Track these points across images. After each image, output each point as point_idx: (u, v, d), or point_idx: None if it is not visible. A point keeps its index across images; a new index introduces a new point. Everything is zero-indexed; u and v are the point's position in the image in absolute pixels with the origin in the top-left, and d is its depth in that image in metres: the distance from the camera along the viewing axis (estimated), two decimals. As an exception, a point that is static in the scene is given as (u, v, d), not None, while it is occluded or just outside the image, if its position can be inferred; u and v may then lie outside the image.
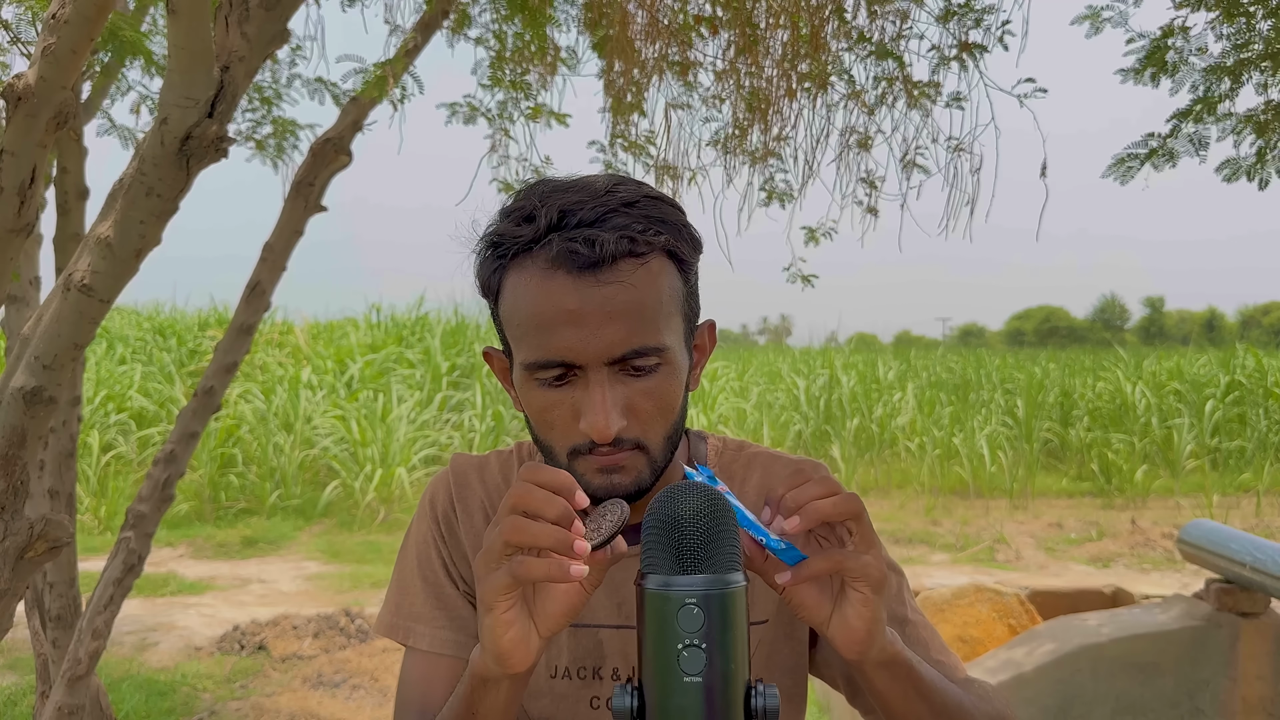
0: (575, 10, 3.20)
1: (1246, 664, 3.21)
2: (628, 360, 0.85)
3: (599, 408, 0.84)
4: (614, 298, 0.83)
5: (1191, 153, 2.99)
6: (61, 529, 1.71)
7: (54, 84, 1.48)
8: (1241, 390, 12.56)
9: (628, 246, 0.84)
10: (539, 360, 0.86)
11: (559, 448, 0.89)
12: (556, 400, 0.87)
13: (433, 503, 1.05)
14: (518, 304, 0.87)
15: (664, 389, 0.88)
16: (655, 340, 0.86)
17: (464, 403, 10.96)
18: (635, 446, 0.88)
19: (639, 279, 0.85)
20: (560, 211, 0.85)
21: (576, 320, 0.83)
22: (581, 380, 0.86)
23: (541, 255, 0.85)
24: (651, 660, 0.67)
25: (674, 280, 0.89)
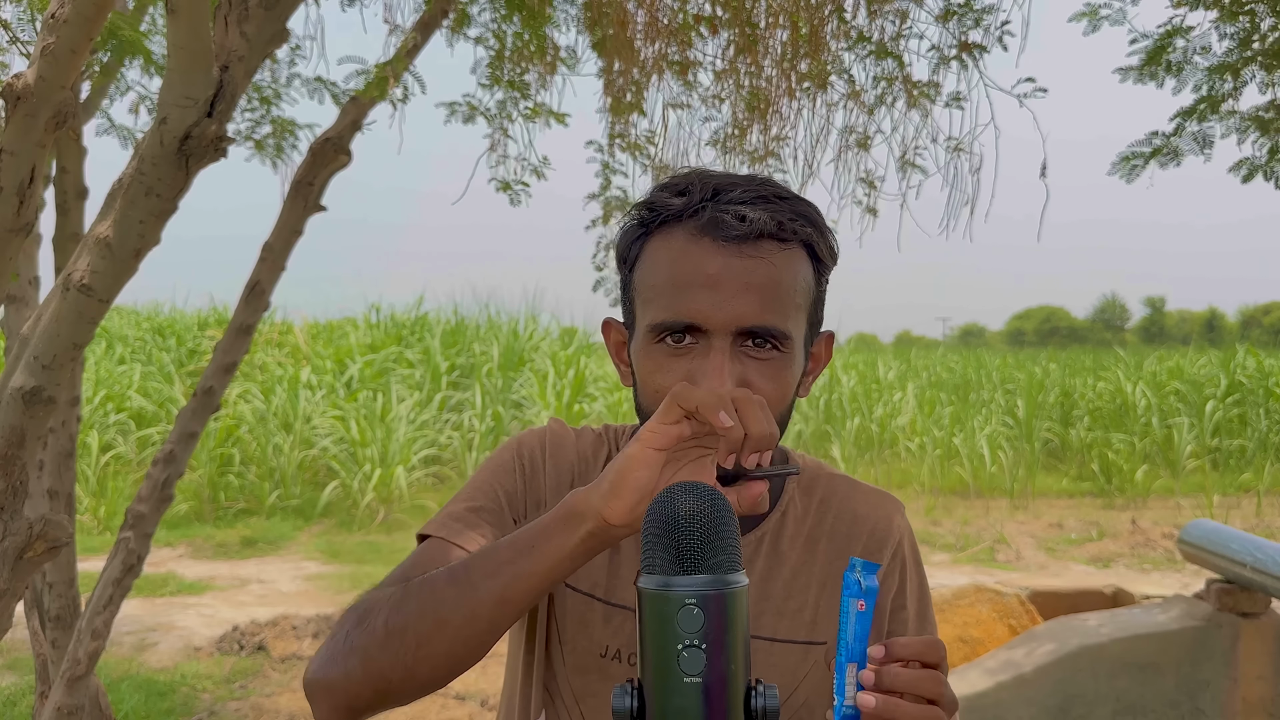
0: (575, 10, 3.20)
1: (1247, 664, 3.21)
2: (752, 335, 0.87)
3: (716, 371, 0.85)
4: (754, 270, 0.86)
5: (1196, 151, 2.99)
6: (61, 529, 1.71)
7: (53, 84, 1.48)
8: (1242, 390, 12.56)
9: (774, 228, 0.87)
10: (667, 320, 0.87)
11: None
12: (673, 366, 0.88)
13: (521, 444, 1.05)
14: (657, 267, 0.90)
15: (780, 376, 0.89)
16: (783, 324, 0.88)
17: (463, 403, 10.96)
18: None
19: (779, 261, 0.88)
20: (715, 188, 0.89)
21: (714, 284, 0.86)
22: (703, 349, 0.87)
23: (690, 223, 0.88)
24: (651, 660, 0.67)
25: (809, 276, 0.91)
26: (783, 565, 0.99)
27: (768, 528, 1.01)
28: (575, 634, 0.99)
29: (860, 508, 1.04)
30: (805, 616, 0.98)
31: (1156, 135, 3.03)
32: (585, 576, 1.00)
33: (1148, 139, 3.03)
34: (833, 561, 1.00)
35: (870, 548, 1.02)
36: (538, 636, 1.02)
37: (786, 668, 0.97)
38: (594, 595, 0.99)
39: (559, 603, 1.01)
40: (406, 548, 8.40)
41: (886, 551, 1.03)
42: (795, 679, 0.97)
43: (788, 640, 0.97)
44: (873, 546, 1.02)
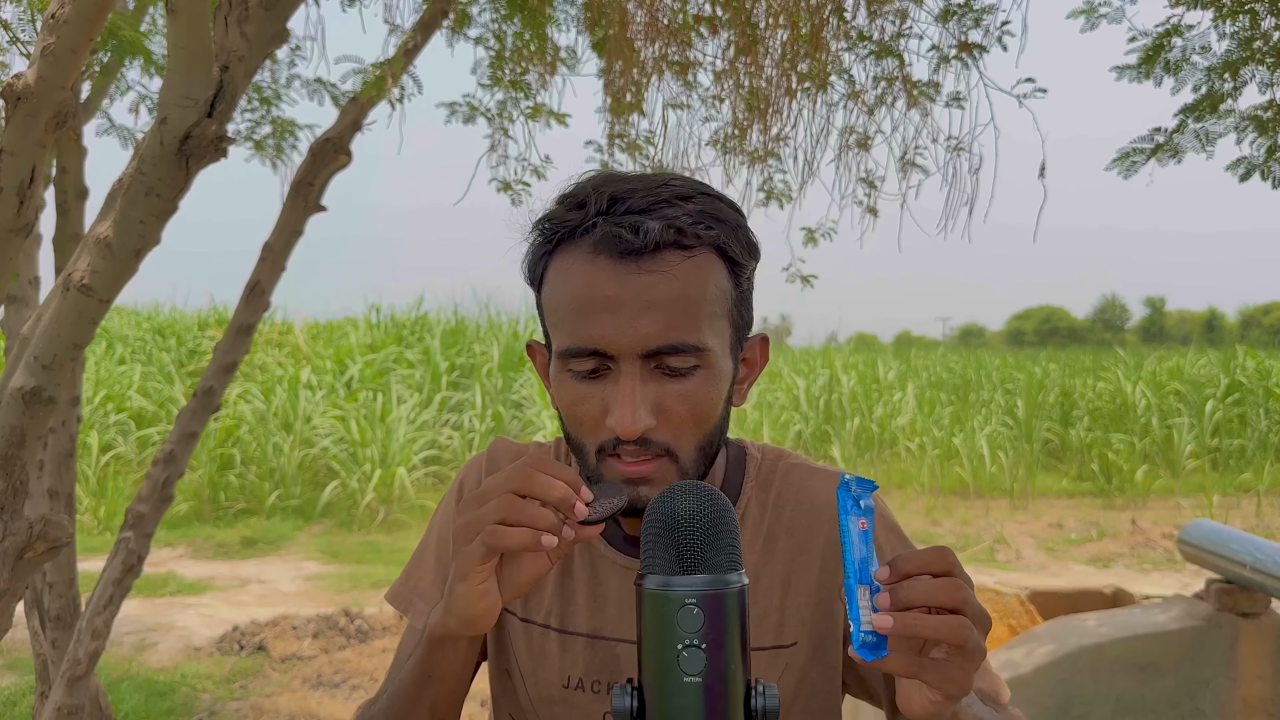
0: (575, 10, 3.20)
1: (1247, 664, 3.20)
2: (663, 356, 0.82)
3: (627, 401, 0.81)
4: (653, 287, 0.81)
5: (1198, 149, 2.98)
6: (61, 529, 1.71)
7: (53, 84, 1.48)
8: (1242, 390, 12.56)
9: (674, 237, 0.81)
10: (572, 347, 0.83)
11: (587, 446, 0.86)
12: (587, 394, 0.84)
13: (462, 485, 1.04)
14: (558, 289, 0.85)
15: (701, 394, 0.84)
16: (694, 338, 0.82)
17: (463, 403, 10.96)
18: (665, 453, 0.84)
19: (682, 271, 0.82)
20: (611, 198, 0.83)
21: (613, 307, 0.81)
22: (613, 375, 0.83)
23: (586, 240, 0.83)
24: (651, 660, 0.67)
25: (722, 280, 0.85)
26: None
27: None
28: (535, 666, 0.97)
29: (819, 495, 0.98)
30: (771, 620, 0.94)
31: (1159, 132, 3.02)
32: (537, 606, 0.98)
33: (1150, 135, 3.02)
34: (795, 558, 0.95)
35: (833, 536, 0.96)
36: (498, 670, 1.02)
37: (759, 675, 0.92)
38: (548, 625, 0.97)
39: (512, 635, 0.99)
40: (407, 548, 8.43)
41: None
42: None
43: (756, 648, 0.92)
44: (836, 535, 0.96)
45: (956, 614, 0.68)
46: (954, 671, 0.68)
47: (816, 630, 0.94)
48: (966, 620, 0.68)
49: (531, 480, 0.74)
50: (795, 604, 0.94)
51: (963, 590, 0.68)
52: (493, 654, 1.02)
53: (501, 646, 1.00)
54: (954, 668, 0.68)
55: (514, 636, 0.99)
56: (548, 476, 0.74)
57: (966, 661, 0.68)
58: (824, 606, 0.94)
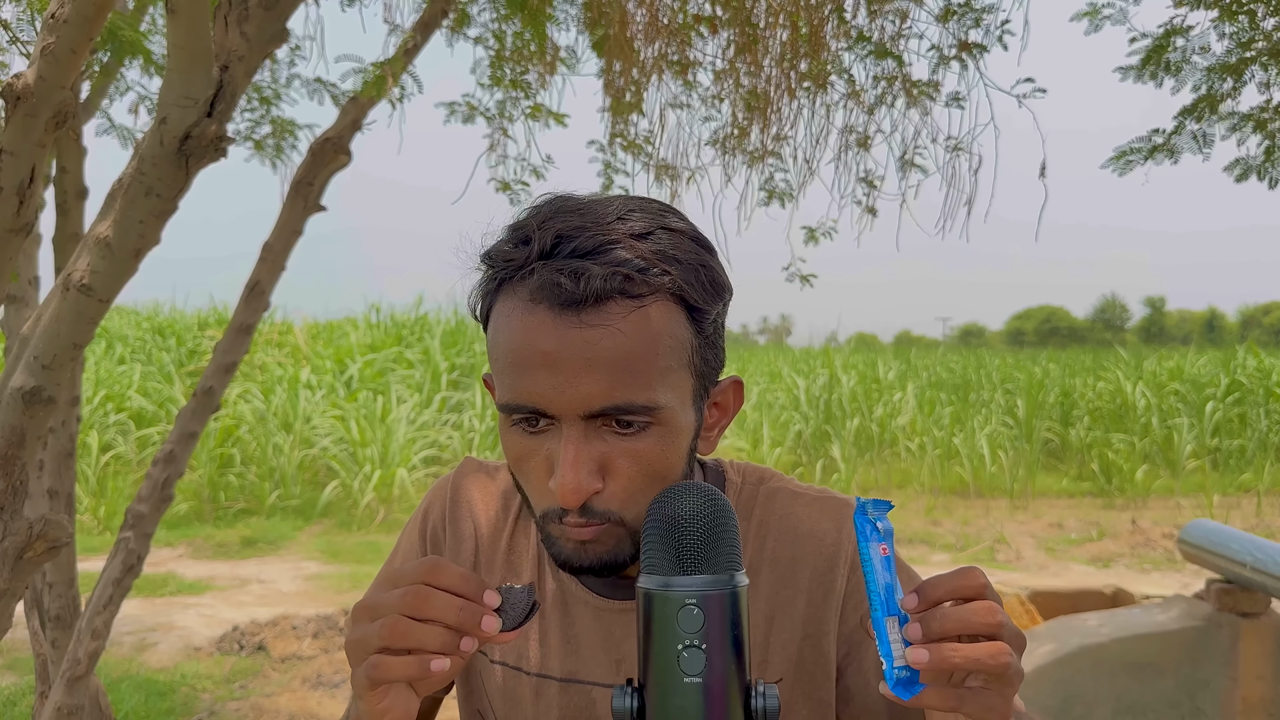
0: (575, 10, 3.20)
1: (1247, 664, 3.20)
2: (605, 416, 0.74)
3: (569, 467, 0.74)
4: (596, 343, 0.72)
5: (1195, 149, 2.99)
6: (60, 529, 1.71)
7: (53, 84, 1.48)
8: (1242, 390, 12.57)
9: (619, 284, 0.73)
10: (510, 403, 0.76)
11: (535, 505, 0.80)
12: (531, 448, 0.77)
13: (426, 514, 0.99)
14: (498, 337, 0.77)
15: (653, 453, 0.76)
16: (643, 397, 0.74)
17: (463, 403, 10.96)
18: (608, 520, 0.77)
19: (629, 325, 0.73)
20: (556, 236, 0.74)
21: (551, 364, 0.73)
22: (556, 432, 0.76)
23: (528, 284, 0.75)
24: (651, 661, 0.67)
25: (679, 329, 0.76)
26: None
27: None
28: (508, 710, 0.93)
29: (803, 523, 0.91)
30: (755, 657, 0.88)
31: (1157, 133, 3.02)
32: (509, 648, 0.93)
33: (1148, 136, 3.03)
34: (778, 592, 0.89)
35: (820, 567, 0.89)
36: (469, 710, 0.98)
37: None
38: (520, 668, 0.92)
39: (485, 678, 0.95)
40: (406, 548, 8.44)
41: (841, 568, 0.89)
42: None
43: None
44: (823, 565, 0.90)
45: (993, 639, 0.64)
46: (993, 700, 0.65)
47: (805, 666, 0.89)
48: (1005, 646, 0.64)
49: (426, 603, 0.66)
50: (780, 640, 0.89)
51: (997, 613, 0.64)
52: (462, 695, 0.98)
53: (472, 688, 0.96)
54: (993, 695, 0.65)
55: (486, 679, 0.94)
56: (445, 596, 0.66)
57: (1006, 688, 0.65)
58: (811, 641, 0.89)
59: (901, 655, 0.65)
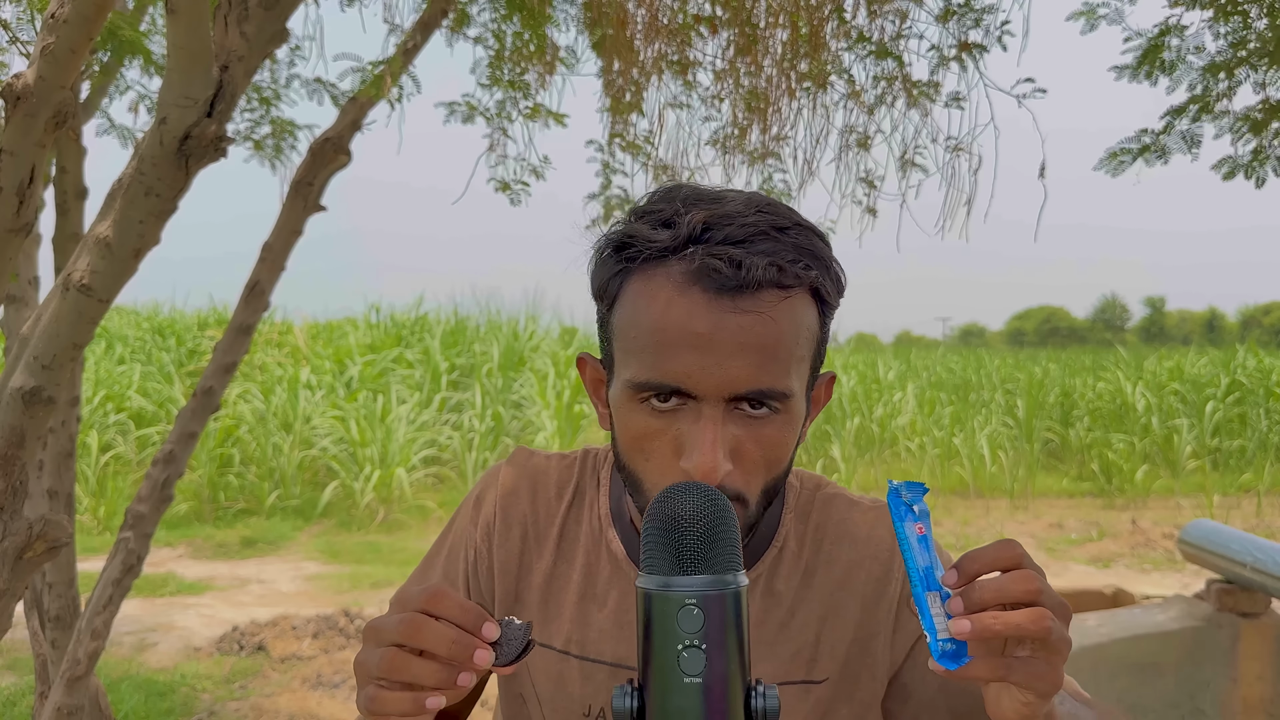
0: (574, 9, 3.20)
1: (1247, 664, 3.20)
2: (748, 399, 0.77)
3: (708, 447, 0.76)
4: (750, 328, 0.75)
5: (1184, 150, 3.00)
6: (60, 529, 1.71)
7: (53, 83, 1.48)
8: (1242, 390, 12.57)
9: (775, 275, 0.76)
10: (651, 381, 0.77)
11: (649, 482, 0.81)
12: (659, 428, 0.79)
13: (479, 501, 1.00)
14: (638, 315, 0.79)
15: (778, 439, 0.79)
16: (782, 384, 0.77)
17: (463, 403, 10.96)
18: (735, 498, 0.78)
19: (779, 313, 0.76)
20: (705, 223, 0.77)
21: (704, 345, 0.75)
22: (691, 411, 0.77)
23: (677, 267, 0.77)
24: (651, 661, 0.67)
25: (812, 323, 0.80)
26: (779, 606, 0.91)
27: (762, 568, 0.93)
28: (553, 693, 0.94)
29: (860, 529, 0.94)
30: (804, 656, 0.91)
31: (1146, 133, 3.03)
32: (556, 631, 0.94)
33: (1137, 136, 3.04)
34: (833, 593, 0.92)
35: (876, 572, 0.92)
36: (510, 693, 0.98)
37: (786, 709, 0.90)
38: (568, 651, 0.93)
39: (531, 660, 0.95)
40: (406, 548, 8.40)
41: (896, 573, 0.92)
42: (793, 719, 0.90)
43: (785, 683, 0.90)
44: (878, 571, 0.92)
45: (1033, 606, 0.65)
46: (1041, 667, 0.66)
47: (850, 667, 0.91)
48: (1046, 611, 0.65)
49: (420, 633, 0.66)
50: (830, 640, 0.91)
51: (1035, 580, 0.66)
52: (504, 676, 0.98)
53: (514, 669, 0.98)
54: (1041, 663, 0.66)
55: (531, 661, 0.95)
56: (440, 627, 0.67)
57: (1053, 655, 0.66)
58: (861, 643, 0.91)
59: (945, 629, 0.67)
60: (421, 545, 8.16)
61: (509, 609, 0.97)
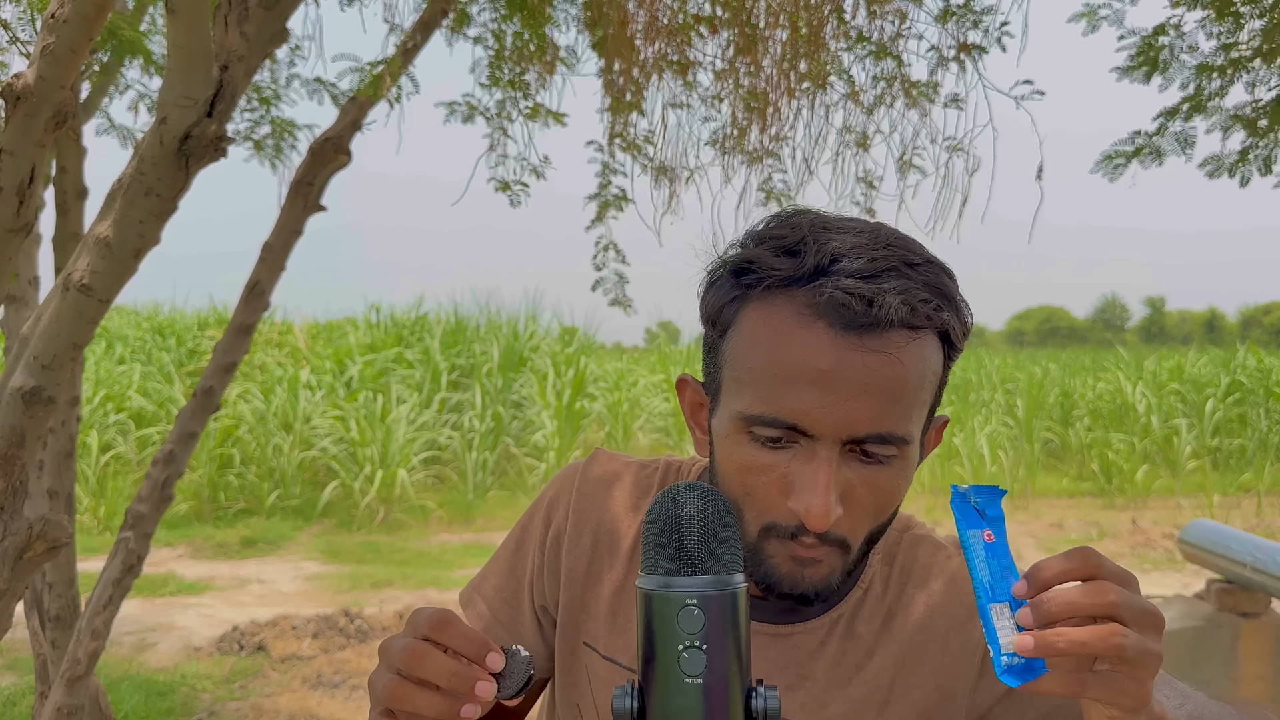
0: (575, 9, 3.20)
1: (1247, 664, 3.21)
2: (866, 443, 0.74)
3: (822, 490, 0.73)
4: (876, 369, 0.72)
5: (1178, 151, 3.00)
6: (60, 529, 1.71)
7: (53, 83, 1.48)
8: (1242, 390, 12.57)
9: (906, 315, 0.72)
10: (765, 415, 0.74)
11: (751, 519, 0.78)
12: (768, 464, 0.76)
13: (552, 505, 0.98)
14: (756, 345, 0.76)
15: (891, 485, 0.77)
16: (903, 429, 0.75)
17: (463, 403, 10.95)
18: (839, 544, 0.77)
19: (906, 355, 0.73)
20: (833, 255, 0.73)
21: (826, 383, 0.72)
22: (805, 451, 0.74)
23: (801, 298, 0.74)
24: (651, 661, 0.67)
25: (937, 366, 0.78)
26: (857, 648, 0.89)
27: (845, 609, 0.90)
28: (599, 701, 0.93)
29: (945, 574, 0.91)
30: (876, 699, 0.88)
31: (1139, 134, 3.03)
32: (623, 647, 0.93)
33: (1130, 138, 3.04)
34: (914, 637, 0.89)
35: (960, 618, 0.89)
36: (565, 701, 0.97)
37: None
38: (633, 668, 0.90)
39: (591, 671, 0.93)
40: (407, 548, 8.39)
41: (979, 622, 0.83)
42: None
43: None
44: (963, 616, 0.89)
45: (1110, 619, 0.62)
46: (1124, 683, 0.62)
47: (927, 713, 0.88)
48: (1118, 627, 0.61)
49: (421, 662, 0.65)
50: (905, 684, 0.88)
51: (1111, 593, 0.62)
52: (561, 684, 0.96)
53: (573, 679, 0.95)
54: (1123, 678, 0.62)
55: (593, 673, 0.93)
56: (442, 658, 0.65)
57: (1137, 670, 0.62)
58: (943, 691, 0.88)
59: (1009, 643, 0.64)
60: (421, 545, 8.17)
61: (574, 617, 0.95)
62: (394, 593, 6.54)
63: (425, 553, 7.89)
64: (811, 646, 0.89)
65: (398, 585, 6.75)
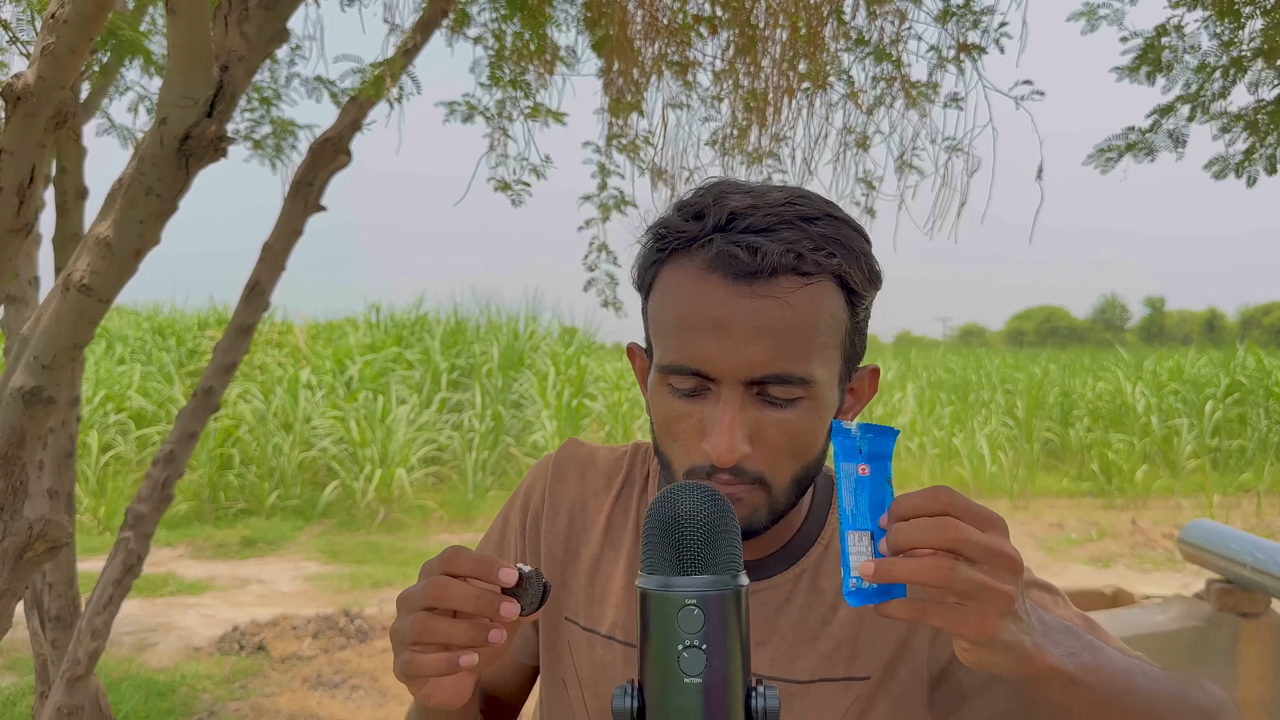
0: (575, 9, 3.20)
1: (1247, 664, 3.20)
2: (766, 384, 0.79)
3: (725, 429, 0.79)
4: (765, 313, 0.78)
5: (1171, 148, 3.00)
6: (60, 529, 1.71)
7: (53, 84, 1.48)
8: (1242, 390, 12.57)
9: (793, 262, 0.78)
10: (674, 364, 0.81)
11: (677, 464, 0.84)
12: (685, 411, 0.82)
13: (529, 492, 1.02)
14: (666, 301, 0.83)
15: (801, 425, 0.81)
16: (801, 369, 0.79)
17: (463, 403, 10.96)
18: (757, 481, 0.82)
19: (798, 299, 0.79)
20: (731, 213, 0.80)
21: (721, 329, 0.78)
22: (714, 396, 0.80)
23: (700, 255, 0.80)
24: (652, 661, 0.67)
25: (838, 310, 0.82)
26: (822, 603, 0.92)
27: (808, 563, 0.93)
28: (595, 677, 0.95)
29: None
30: (845, 652, 0.91)
31: (1133, 130, 3.04)
32: (600, 617, 0.95)
33: (1124, 134, 3.04)
34: None
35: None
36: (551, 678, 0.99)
37: (824, 706, 0.90)
38: (613, 637, 0.95)
39: (573, 645, 0.96)
40: (406, 548, 8.39)
41: None
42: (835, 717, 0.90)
43: (825, 679, 0.90)
44: None
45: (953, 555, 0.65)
46: (966, 615, 0.66)
47: (891, 664, 0.91)
48: (951, 561, 0.65)
49: (446, 593, 0.69)
50: (870, 637, 0.91)
51: (953, 529, 0.66)
52: (546, 661, 0.99)
53: (557, 654, 0.98)
54: (966, 611, 0.66)
55: (574, 646, 0.96)
56: (463, 584, 0.69)
57: (980, 605, 0.66)
58: (902, 640, 0.91)
59: (857, 568, 0.69)
60: (421, 545, 8.17)
61: (555, 594, 0.98)
62: (394, 592, 6.54)
63: (425, 553, 7.89)
64: (777, 602, 0.92)
65: (398, 585, 6.75)
